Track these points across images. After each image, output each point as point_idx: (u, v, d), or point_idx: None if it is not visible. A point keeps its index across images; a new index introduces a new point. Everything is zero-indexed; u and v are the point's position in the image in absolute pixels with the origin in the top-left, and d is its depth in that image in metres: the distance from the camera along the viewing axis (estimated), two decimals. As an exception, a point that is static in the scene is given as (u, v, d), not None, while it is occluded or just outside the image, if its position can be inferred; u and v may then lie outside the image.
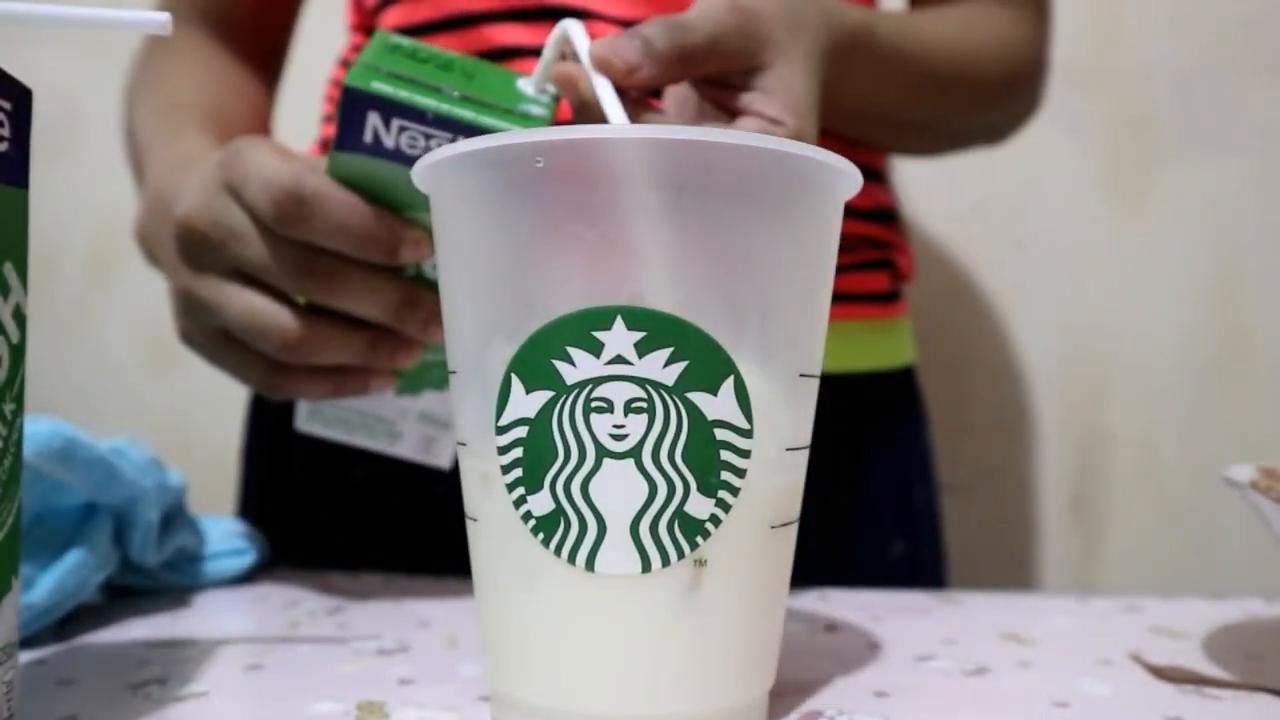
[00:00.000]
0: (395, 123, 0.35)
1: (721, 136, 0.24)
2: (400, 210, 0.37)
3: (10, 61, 0.27)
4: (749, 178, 0.25)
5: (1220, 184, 0.83)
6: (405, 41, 0.38)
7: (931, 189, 0.83)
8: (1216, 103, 0.82)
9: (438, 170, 0.27)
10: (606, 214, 0.25)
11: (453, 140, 0.35)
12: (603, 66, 0.33)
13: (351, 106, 0.35)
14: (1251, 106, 0.82)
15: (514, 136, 0.25)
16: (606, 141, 0.25)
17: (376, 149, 0.36)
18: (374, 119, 0.35)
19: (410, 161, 0.35)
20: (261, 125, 0.60)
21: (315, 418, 0.44)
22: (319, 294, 0.37)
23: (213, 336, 0.41)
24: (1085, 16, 0.79)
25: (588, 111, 0.34)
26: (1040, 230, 0.85)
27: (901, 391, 0.61)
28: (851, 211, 0.54)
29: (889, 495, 0.59)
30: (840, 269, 0.54)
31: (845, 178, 0.27)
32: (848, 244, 0.55)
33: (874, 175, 0.58)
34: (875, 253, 0.58)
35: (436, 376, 0.43)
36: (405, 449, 0.45)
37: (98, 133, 1.00)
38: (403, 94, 0.35)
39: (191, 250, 0.39)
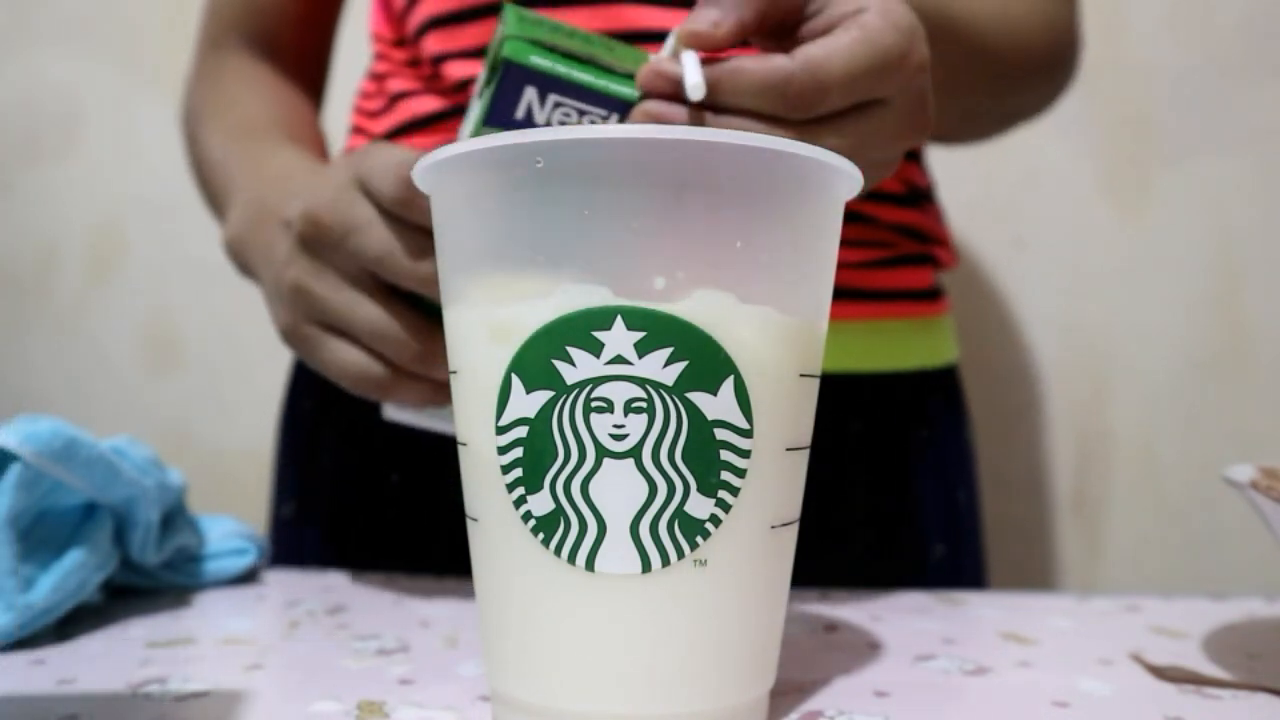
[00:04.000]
0: (551, 98, 0.35)
1: (721, 136, 0.24)
2: None
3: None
4: (749, 177, 0.25)
5: (1220, 184, 0.83)
6: (542, 16, 0.37)
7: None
8: (1216, 103, 0.83)
9: (438, 171, 0.27)
10: (606, 214, 0.25)
11: (606, 117, 0.35)
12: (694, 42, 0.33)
13: (508, 81, 0.35)
14: (1251, 107, 0.82)
15: (514, 137, 0.25)
16: (606, 142, 0.25)
17: (527, 124, 0.35)
18: (530, 94, 0.35)
19: None
20: (322, 141, 0.61)
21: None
22: (433, 281, 0.37)
23: (321, 332, 0.40)
24: (1085, 16, 0.78)
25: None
26: (1040, 230, 0.85)
27: (946, 391, 0.61)
28: (886, 197, 0.54)
29: (932, 496, 0.58)
30: (880, 263, 0.55)
31: (845, 178, 0.27)
32: (886, 238, 0.55)
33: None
34: (916, 246, 0.57)
35: None
36: None
37: (98, 133, 1.00)
38: (561, 69, 0.35)
39: (313, 244, 0.39)
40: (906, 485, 0.57)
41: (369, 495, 0.56)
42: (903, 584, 0.50)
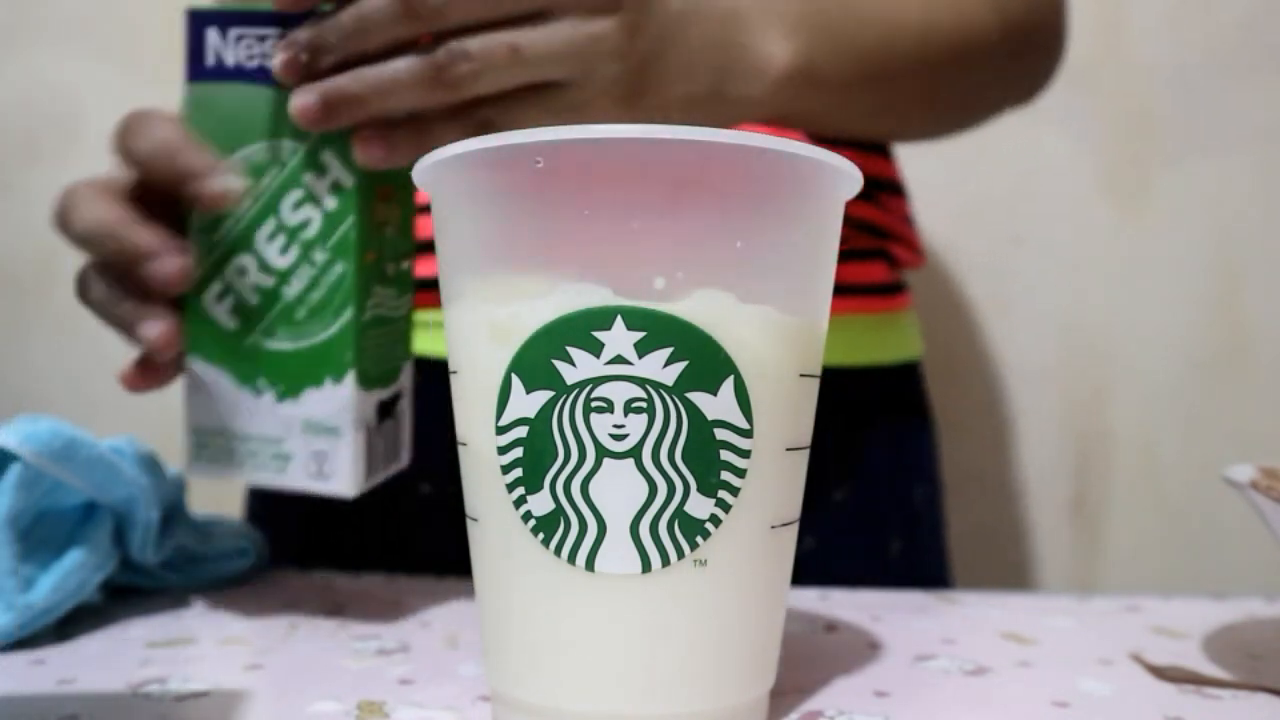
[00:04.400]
0: (232, 32, 0.37)
1: (721, 137, 0.24)
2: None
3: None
4: (749, 177, 0.25)
5: (1220, 184, 0.83)
6: None
7: (929, 186, 0.84)
8: (1216, 103, 0.83)
9: (437, 170, 0.27)
10: (605, 214, 0.25)
11: (281, 35, 0.36)
12: None
13: (192, 31, 0.37)
14: (1251, 106, 0.82)
15: (514, 137, 0.25)
16: (606, 142, 0.25)
17: (219, 70, 0.37)
18: (213, 36, 0.37)
19: (252, 77, 0.37)
20: None
21: (202, 455, 0.40)
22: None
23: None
24: (1085, 16, 0.79)
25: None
26: (1039, 229, 0.85)
27: (902, 388, 0.60)
28: None
29: (888, 492, 0.58)
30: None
31: (845, 178, 0.27)
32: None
33: (860, 143, 0.55)
34: (869, 241, 0.56)
35: (314, 371, 0.38)
36: (297, 474, 0.38)
37: (98, 133, 1.00)
38: (231, 3, 0.37)
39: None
40: (861, 480, 0.57)
41: None
42: (860, 580, 0.49)
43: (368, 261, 0.38)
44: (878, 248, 0.57)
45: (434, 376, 0.47)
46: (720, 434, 0.25)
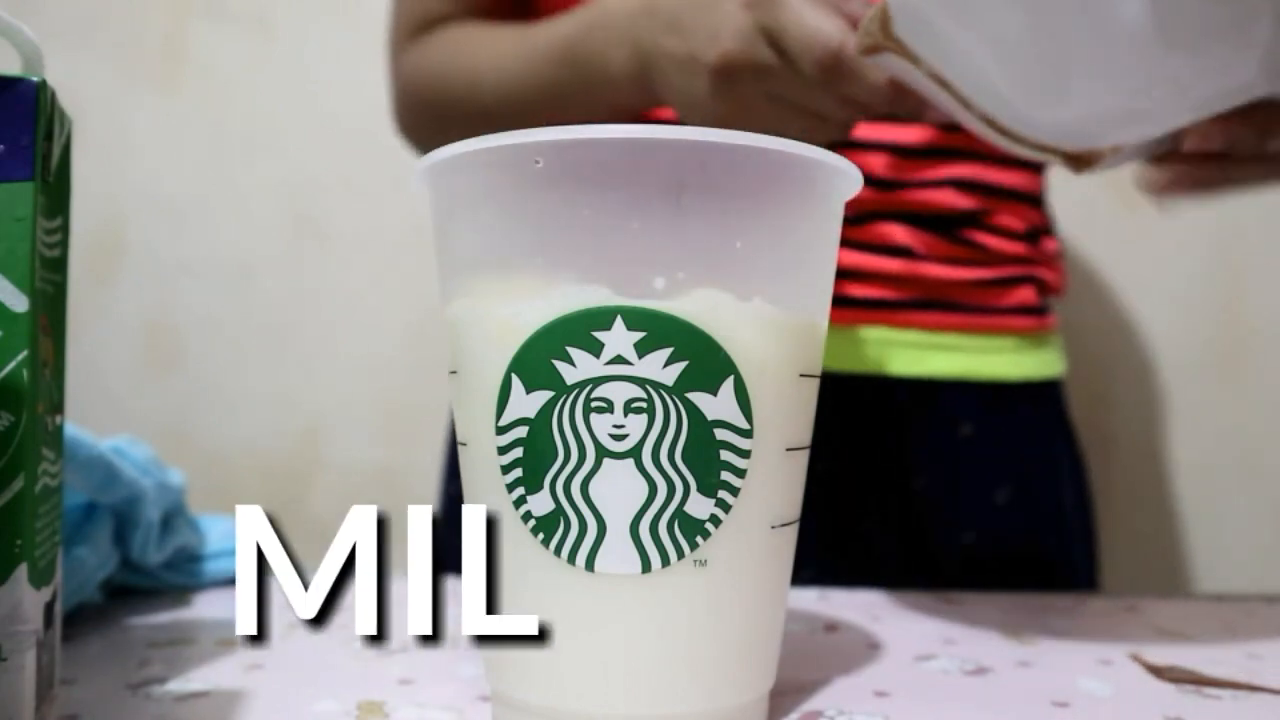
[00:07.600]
0: None
1: (721, 137, 0.24)
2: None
3: (12, 61, 0.27)
4: (749, 177, 0.25)
5: (1220, 184, 0.83)
6: None
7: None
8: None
9: (437, 170, 0.27)
10: (606, 214, 0.25)
11: None
12: None
13: None
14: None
15: (514, 137, 0.25)
16: (606, 141, 0.25)
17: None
18: None
19: None
20: None
21: None
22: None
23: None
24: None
25: None
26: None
27: (1048, 402, 0.63)
28: (1004, 232, 0.57)
29: (1043, 500, 0.60)
30: (986, 284, 0.57)
31: (845, 177, 0.27)
32: (993, 259, 0.57)
33: (1029, 199, 0.60)
34: (1018, 269, 0.59)
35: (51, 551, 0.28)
36: None
37: (97, 133, 1.00)
38: None
39: (726, 83, 0.41)
40: (1017, 486, 0.59)
41: None
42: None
43: (39, 414, 0.26)
44: (1026, 274, 0.60)
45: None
46: (720, 434, 0.25)
